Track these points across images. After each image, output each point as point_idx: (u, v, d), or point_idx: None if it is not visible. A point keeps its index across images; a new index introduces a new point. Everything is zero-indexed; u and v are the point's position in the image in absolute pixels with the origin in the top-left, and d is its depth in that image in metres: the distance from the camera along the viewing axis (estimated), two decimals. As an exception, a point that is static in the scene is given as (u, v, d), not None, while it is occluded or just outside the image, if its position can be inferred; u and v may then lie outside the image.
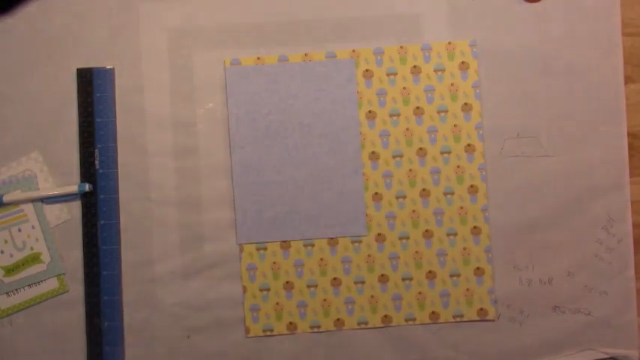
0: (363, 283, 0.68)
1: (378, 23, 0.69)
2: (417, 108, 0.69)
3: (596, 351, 0.68)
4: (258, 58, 0.68)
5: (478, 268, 0.68)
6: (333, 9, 0.69)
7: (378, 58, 0.69)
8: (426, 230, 0.68)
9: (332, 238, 0.68)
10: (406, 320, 0.68)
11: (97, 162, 0.67)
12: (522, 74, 0.69)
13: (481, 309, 0.68)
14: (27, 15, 0.68)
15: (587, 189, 0.68)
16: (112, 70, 0.68)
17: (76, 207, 0.67)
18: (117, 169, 0.67)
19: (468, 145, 0.68)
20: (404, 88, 0.69)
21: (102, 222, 0.67)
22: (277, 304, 0.68)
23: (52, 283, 0.67)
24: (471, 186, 0.68)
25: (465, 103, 0.68)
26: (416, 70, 0.69)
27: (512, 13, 0.69)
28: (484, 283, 0.68)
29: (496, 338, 0.68)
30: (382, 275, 0.68)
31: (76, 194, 0.67)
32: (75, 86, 0.68)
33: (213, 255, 0.67)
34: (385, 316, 0.68)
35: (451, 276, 0.68)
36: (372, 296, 0.68)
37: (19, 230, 0.66)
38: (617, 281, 0.68)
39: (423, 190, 0.68)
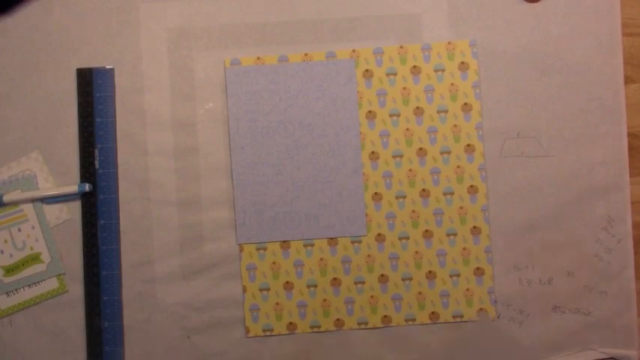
0: (363, 283, 0.68)
1: (378, 23, 0.69)
2: (417, 108, 0.69)
3: (596, 351, 0.68)
4: (258, 58, 0.68)
5: (478, 268, 0.68)
6: (333, 9, 0.69)
7: (378, 58, 0.69)
8: (426, 230, 0.68)
9: (332, 238, 0.68)
10: (406, 320, 0.68)
11: (96, 162, 0.67)
12: (522, 74, 0.69)
13: (481, 309, 0.68)
14: (27, 15, 0.68)
15: (587, 189, 0.68)
16: (112, 70, 0.68)
17: (76, 207, 0.67)
18: (117, 169, 0.67)
19: (468, 145, 0.68)
20: (404, 88, 0.69)
21: (102, 222, 0.67)
22: (277, 304, 0.68)
23: (51, 283, 0.67)
24: (471, 186, 0.68)
25: (465, 103, 0.68)
26: (416, 70, 0.69)
27: (512, 13, 0.69)
28: (484, 283, 0.68)
29: (496, 338, 0.68)
30: (382, 275, 0.68)
31: (76, 194, 0.67)
32: (75, 86, 0.68)
33: (213, 255, 0.67)
34: (385, 316, 0.68)
35: (451, 276, 0.68)
36: (372, 296, 0.68)
37: (19, 230, 0.66)
38: (617, 281, 0.68)
39: (423, 190, 0.68)
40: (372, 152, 0.68)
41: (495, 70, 0.69)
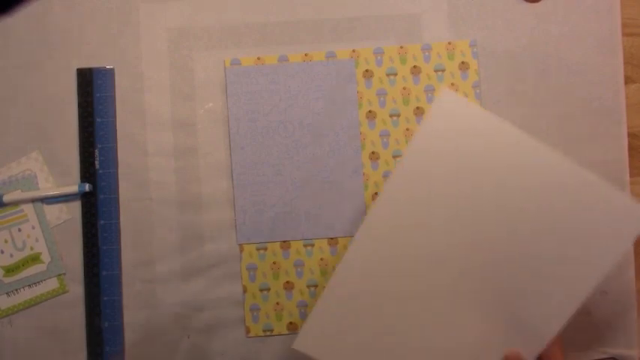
0: (363, 283, 0.68)
1: (378, 23, 0.69)
2: (417, 108, 0.69)
3: (597, 351, 0.68)
4: (258, 58, 0.68)
5: (478, 268, 0.68)
6: (333, 9, 0.69)
7: (378, 58, 0.69)
8: (426, 230, 0.68)
9: (332, 238, 0.68)
10: (406, 320, 0.68)
11: (97, 162, 0.67)
12: (522, 74, 0.69)
13: (481, 309, 0.68)
14: (27, 15, 0.68)
15: (587, 189, 0.68)
16: (112, 70, 0.68)
17: (76, 207, 0.67)
18: (117, 169, 0.67)
19: (468, 145, 0.68)
20: (404, 88, 0.69)
21: (102, 222, 0.67)
22: (277, 304, 0.68)
23: (52, 283, 0.67)
24: (471, 186, 0.68)
25: (465, 103, 0.68)
26: (416, 70, 0.69)
27: (512, 13, 0.69)
28: (484, 283, 0.68)
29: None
30: (382, 275, 0.68)
31: (76, 194, 0.67)
32: (75, 86, 0.68)
33: (213, 255, 0.67)
34: (385, 316, 0.68)
35: (451, 276, 0.68)
36: (372, 296, 0.68)
37: (19, 230, 0.66)
38: (617, 281, 0.68)
39: (423, 190, 0.68)
40: (372, 152, 0.68)
41: (495, 70, 0.69)
